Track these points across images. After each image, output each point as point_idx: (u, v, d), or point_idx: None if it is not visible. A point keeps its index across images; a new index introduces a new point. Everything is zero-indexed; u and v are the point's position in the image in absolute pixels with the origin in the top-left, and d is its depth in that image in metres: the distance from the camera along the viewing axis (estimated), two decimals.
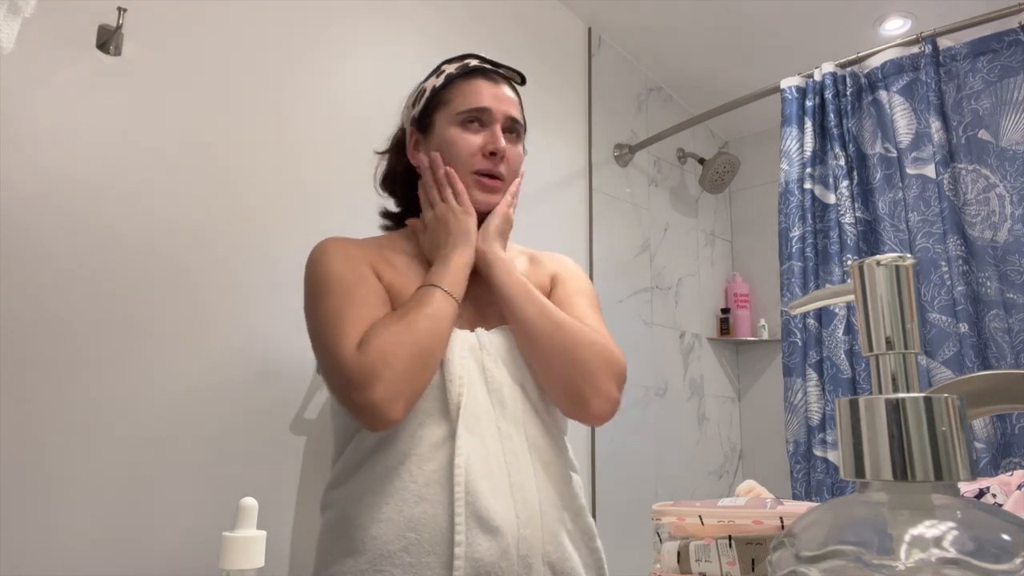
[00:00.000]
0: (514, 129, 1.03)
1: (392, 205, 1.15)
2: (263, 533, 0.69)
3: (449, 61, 1.07)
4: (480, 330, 0.96)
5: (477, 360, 0.92)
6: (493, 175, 1.00)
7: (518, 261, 1.08)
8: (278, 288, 1.43)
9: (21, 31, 0.76)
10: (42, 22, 1.13)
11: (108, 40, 1.23)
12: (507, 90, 1.04)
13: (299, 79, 1.54)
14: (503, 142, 0.99)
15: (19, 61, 1.11)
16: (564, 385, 0.93)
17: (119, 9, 1.22)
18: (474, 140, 0.99)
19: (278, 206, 1.46)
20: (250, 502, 0.71)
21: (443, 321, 0.89)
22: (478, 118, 1.00)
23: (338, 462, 0.97)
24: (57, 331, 1.14)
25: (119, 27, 1.22)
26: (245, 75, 1.44)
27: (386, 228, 1.15)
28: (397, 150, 1.11)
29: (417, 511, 0.83)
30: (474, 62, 1.05)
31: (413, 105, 1.08)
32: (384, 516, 0.84)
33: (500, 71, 1.06)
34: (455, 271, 0.94)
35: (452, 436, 0.86)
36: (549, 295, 1.05)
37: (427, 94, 1.05)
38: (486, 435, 0.88)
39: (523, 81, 1.09)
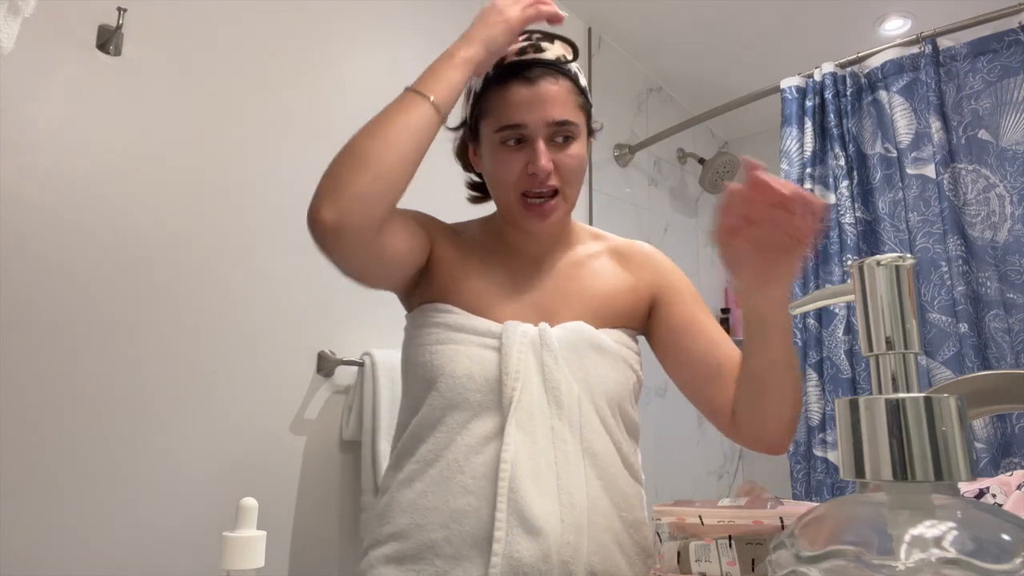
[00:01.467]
0: (563, 131, 0.90)
1: (475, 175, 1.07)
2: (263, 533, 0.69)
3: None
4: (544, 325, 0.90)
5: (537, 356, 0.87)
6: (540, 195, 0.91)
7: (600, 258, 1.02)
8: (277, 288, 1.43)
9: (21, 31, 0.76)
10: (42, 22, 1.13)
11: (108, 40, 1.23)
12: (548, 85, 0.90)
13: (299, 80, 1.54)
14: (543, 160, 0.88)
15: (19, 61, 1.11)
16: (774, 426, 0.88)
17: (119, 9, 1.22)
18: (515, 163, 0.90)
19: (278, 207, 1.45)
20: (250, 502, 0.71)
21: (396, 122, 0.82)
22: (516, 135, 0.90)
23: (395, 448, 0.95)
24: (55, 332, 1.14)
25: (119, 27, 1.22)
26: (245, 75, 1.44)
27: (475, 200, 1.08)
28: (470, 131, 1.00)
29: (462, 503, 0.82)
30: (511, 55, 0.93)
31: (467, 100, 0.98)
32: (431, 505, 0.83)
33: (540, 59, 0.92)
34: (447, 68, 0.85)
35: (503, 431, 0.83)
36: (652, 307, 1.01)
37: (472, 97, 0.96)
38: (538, 433, 0.84)
39: (576, 54, 0.96)
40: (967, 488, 0.88)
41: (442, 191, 1.16)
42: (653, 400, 2.45)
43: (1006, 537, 0.22)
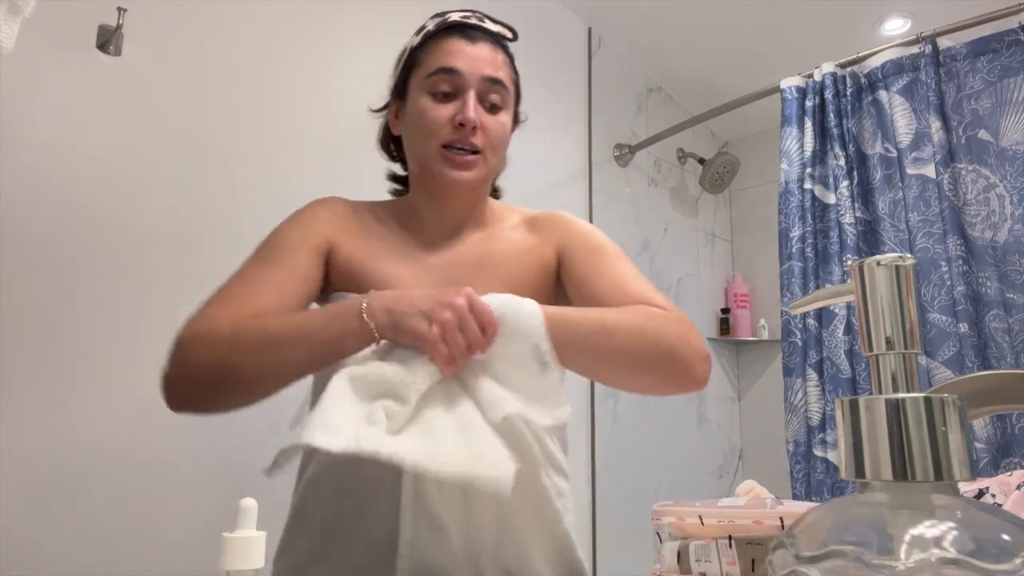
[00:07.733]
0: (494, 93, 0.88)
1: (399, 168, 1.03)
2: (263, 533, 0.69)
3: (435, 16, 0.93)
4: None
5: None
6: (463, 148, 0.86)
7: (513, 229, 0.96)
8: None
9: (21, 31, 0.76)
10: (42, 22, 1.13)
11: (108, 40, 1.23)
12: (487, 48, 0.89)
13: (298, 79, 1.54)
14: (472, 111, 0.85)
15: (19, 61, 1.11)
16: (648, 383, 0.81)
17: (119, 9, 1.22)
18: (443, 111, 0.86)
19: (277, 205, 1.45)
20: (250, 502, 0.71)
21: (306, 354, 0.78)
22: (448, 83, 0.86)
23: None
24: (55, 330, 1.13)
25: (119, 27, 1.22)
26: (244, 75, 1.44)
27: (396, 193, 1.04)
28: (396, 91, 0.98)
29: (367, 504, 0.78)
30: (455, 16, 0.90)
31: (396, 66, 0.96)
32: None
33: (483, 26, 0.91)
34: (410, 300, 0.73)
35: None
36: (559, 272, 0.93)
37: (405, 55, 0.94)
38: None
39: (514, 36, 0.95)
40: (967, 488, 0.89)
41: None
42: (653, 400, 2.45)
43: (1006, 537, 0.22)
